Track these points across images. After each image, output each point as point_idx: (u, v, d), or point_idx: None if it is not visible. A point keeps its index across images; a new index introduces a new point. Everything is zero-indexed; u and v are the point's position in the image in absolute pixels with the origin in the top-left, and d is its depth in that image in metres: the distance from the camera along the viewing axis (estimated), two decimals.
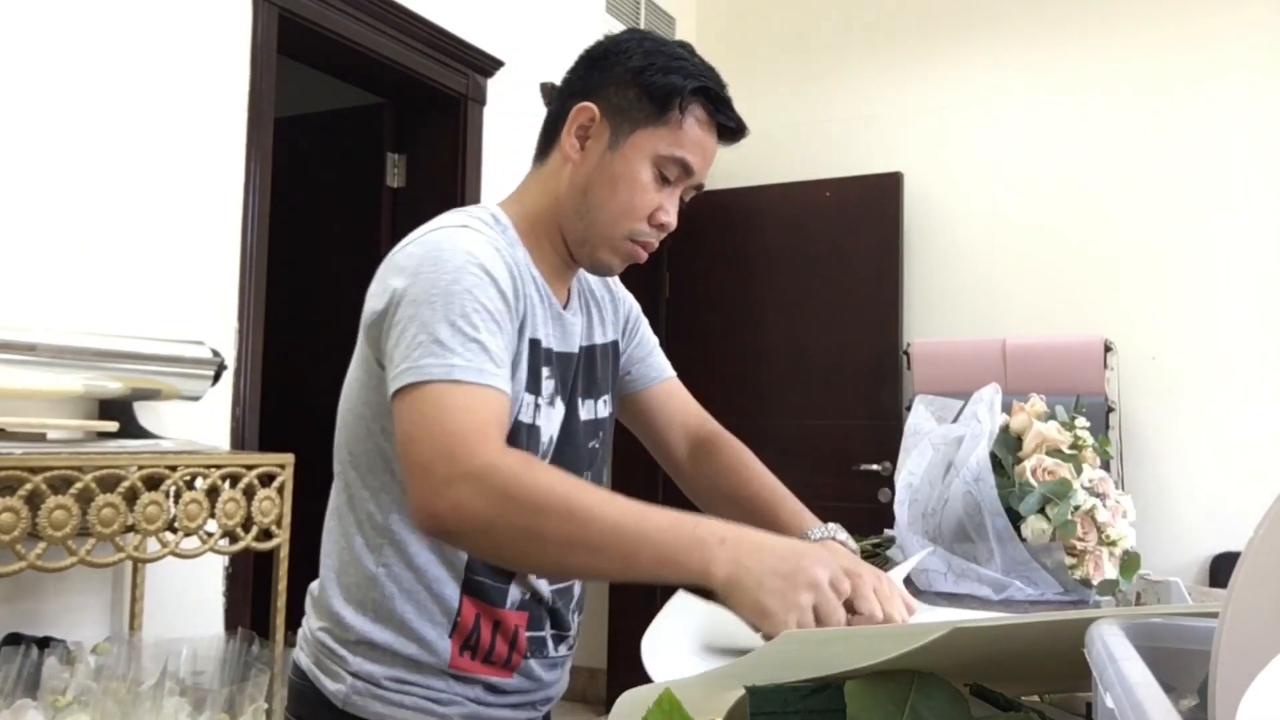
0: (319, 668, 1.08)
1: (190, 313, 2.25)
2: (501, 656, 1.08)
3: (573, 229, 1.11)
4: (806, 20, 4.21)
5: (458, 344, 0.93)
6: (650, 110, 1.06)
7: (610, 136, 1.08)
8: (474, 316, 0.95)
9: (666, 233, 1.12)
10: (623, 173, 1.07)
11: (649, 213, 1.09)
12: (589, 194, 1.09)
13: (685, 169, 1.09)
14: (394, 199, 3.29)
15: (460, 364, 0.92)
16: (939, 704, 0.59)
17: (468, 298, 0.96)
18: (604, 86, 1.09)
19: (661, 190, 1.09)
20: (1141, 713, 0.37)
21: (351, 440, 1.08)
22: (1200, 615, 0.50)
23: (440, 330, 0.94)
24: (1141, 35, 3.64)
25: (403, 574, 1.05)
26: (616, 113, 1.08)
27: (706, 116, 1.08)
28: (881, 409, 3.74)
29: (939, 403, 1.54)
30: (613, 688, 3.93)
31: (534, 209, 1.13)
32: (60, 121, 2.03)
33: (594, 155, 1.09)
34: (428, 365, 0.92)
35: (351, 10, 2.70)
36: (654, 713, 0.61)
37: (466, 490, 0.86)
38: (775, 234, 3.98)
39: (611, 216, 1.08)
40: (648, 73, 1.06)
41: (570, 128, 1.09)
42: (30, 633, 1.87)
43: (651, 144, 1.07)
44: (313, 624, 1.11)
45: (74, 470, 1.65)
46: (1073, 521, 1.30)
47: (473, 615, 1.06)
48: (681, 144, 1.07)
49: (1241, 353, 3.44)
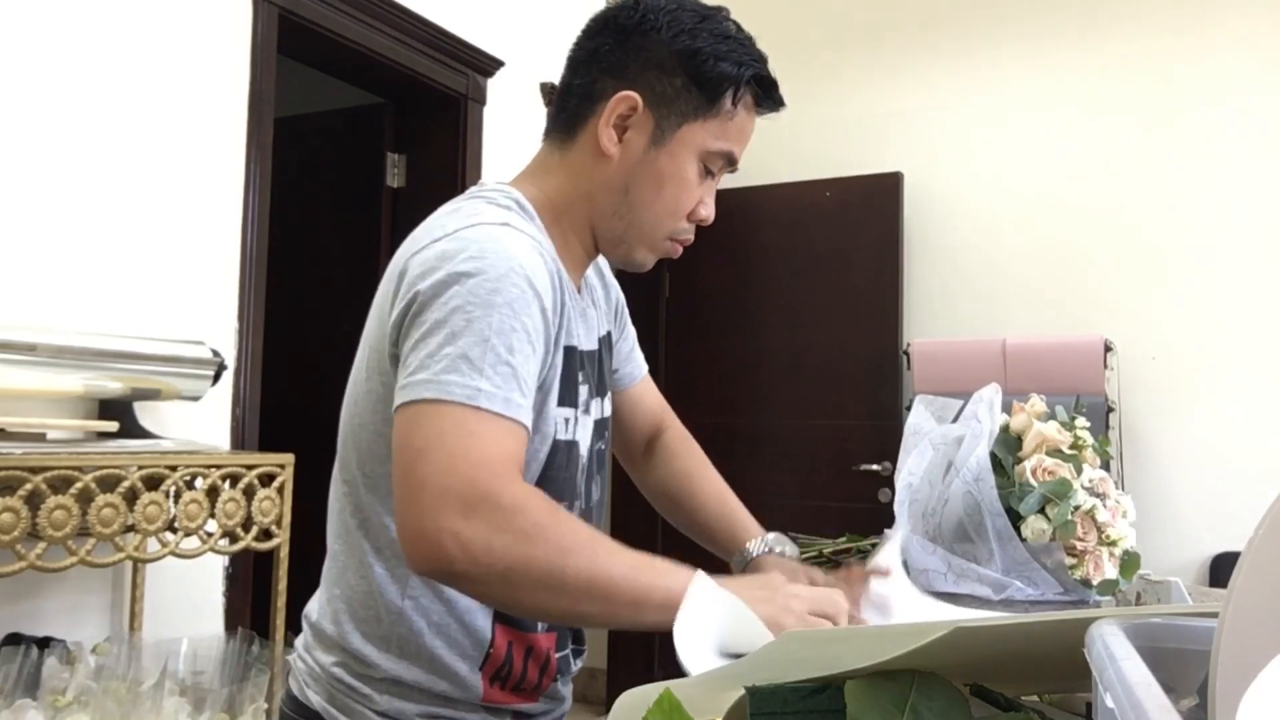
0: (336, 706, 0.96)
1: (190, 313, 2.25)
2: (532, 683, 1.01)
3: (608, 227, 1.01)
4: (807, 20, 4.21)
5: (488, 365, 0.83)
6: (700, 101, 0.96)
7: (655, 129, 0.97)
8: (510, 336, 0.84)
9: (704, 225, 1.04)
10: (670, 171, 0.98)
11: (691, 209, 1.01)
12: (630, 193, 0.99)
13: (730, 161, 1.01)
14: (394, 199, 3.29)
15: (487, 390, 0.82)
16: (939, 704, 0.59)
17: (507, 313, 0.85)
18: (644, 69, 0.97)
19: (703, 184, 1.01)
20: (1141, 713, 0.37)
21: (368, 460, 0.96)
22: (1200, 615, 0.50)
23: (471, 346, 0.83)
24: (1142, 35, 3.64)
25: (432, 606, 0.95)
26: (661, 103, 0.97)
27: (755, 104, 1.00)
28: (881, 409, 3.74)
29: (939, 403, 1.53)
30: (613, 688, 3.93)
31: (559, 199, 1.01)
32: (61, 121, 2.03)
33: (635, 150, 0.98)
34: (451, 383, 0.82)
35: (351, 10, 2.70)
36: (654, 713, 0.61)
37: (483, 530, 0.77)
38: (775, 234, 3.97)
39: (656, 217, 1.00)
40: (699, 59, 0.96)
41: (608, 118, 0.97)
42: (30, 633, 1.87)
43: (700, 138, 0.97)
44: (324, 659, 0.98)
45: (74, 470, 1.65)
46: (1073, 521, 1.30)
47: (505, 645, 0.98)
48: (730, 135, 0.99)
49: (1241, 353, 3.43)
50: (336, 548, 1.00)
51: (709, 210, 1.02)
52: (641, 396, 1.26)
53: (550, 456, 0.96)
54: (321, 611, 1.00)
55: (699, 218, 1.02)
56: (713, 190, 1.03)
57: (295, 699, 1.01)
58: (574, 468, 0.99)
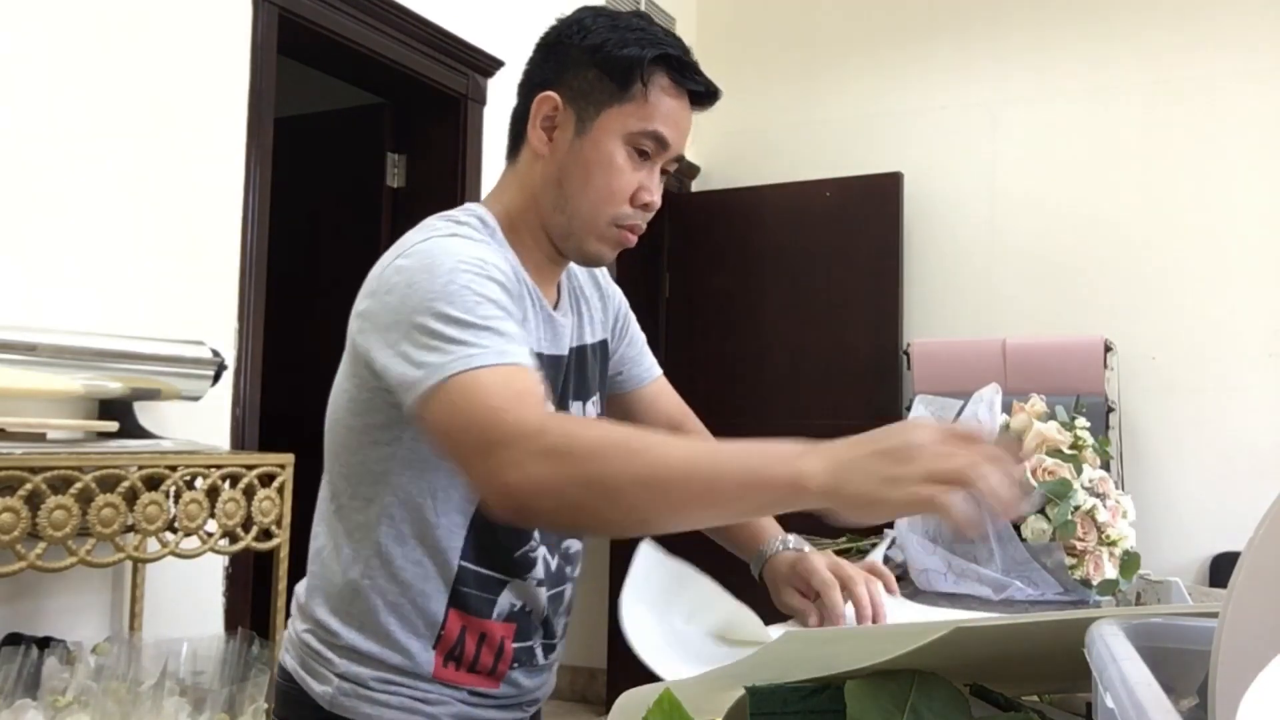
0: (305, 670, 1.07)
1: (190, 313, 2.25)
2: (487, 666, 1.06)
3: (555, 223, 1.06)
4: (807, 20, 4.21)
5: (469, 336, 0.89)
6: (612, 88, 1.02)
7: (576, 122, 1.03)
8: (478, 309, 0.91)
9: (652, 212, 1.07)
10: (595, 158, 1.03)
11: (630, 194, 1.04)
12: (564, 185, 1.04)
13: (660, 142, 1.04)
14: (394, 199, 3.29)
15: (476, 352, 0.88)
16: (939, 704, 0.59)
17: (467, 293, 0.91)
18: (562, 73, 1.04)
19: (639, 169, 1.04)
20: (1141, 713, 0.37)
21: (340, 451, 1.05)
22: (1200, 615, 0.50)
23: (446, 329, 0.89)
24: (1141, 35, 3.64)
25: (387, 587, 1.02)
26: (579, 97, 1.03)
27: (672, 84, 1.03)
28: (881, 409, 3.74)
29: (939, 403, 1.54)
30: (613, 688, 3.93)
31: (513, 209, 1.08)
32: (61, 121, 2.03)
33: (563, 145, 1.04)
34: (445, 364, 0.87)
35: (351, 10, 2.70)
36: (654, 713, 0.61)
37: (525, 459, 0.81)
38: (775, 234, 3.97)
39: (591, 204, 1.04)
40: (604, 49, 1.02)
41: (534, 121, 1.05)
42: (30, 633, 1.87)
43: (620, 122, 1.02)
44: (298, 626, 1.09)
45: (74, 470, 1.65)
46: (1073, 521, 1.30)
47: (458, 628, 1.04)
48: (651, 117, 1.02)
49: (1242, 353, 3.44)
50: (319, 530, 1.09)
51: (653, 195, 1.06)
52: (655, 398, 1.30)
53: None
54: (302, 586, 1.11)
55: (641, 202, 1.05)
56: (654, 175, 1.06)
57: (280, 665, 1.12)
58: None
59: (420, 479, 1.01)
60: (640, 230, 1.08)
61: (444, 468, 0.99)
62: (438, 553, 1.02)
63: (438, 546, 1.02)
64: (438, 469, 1.00)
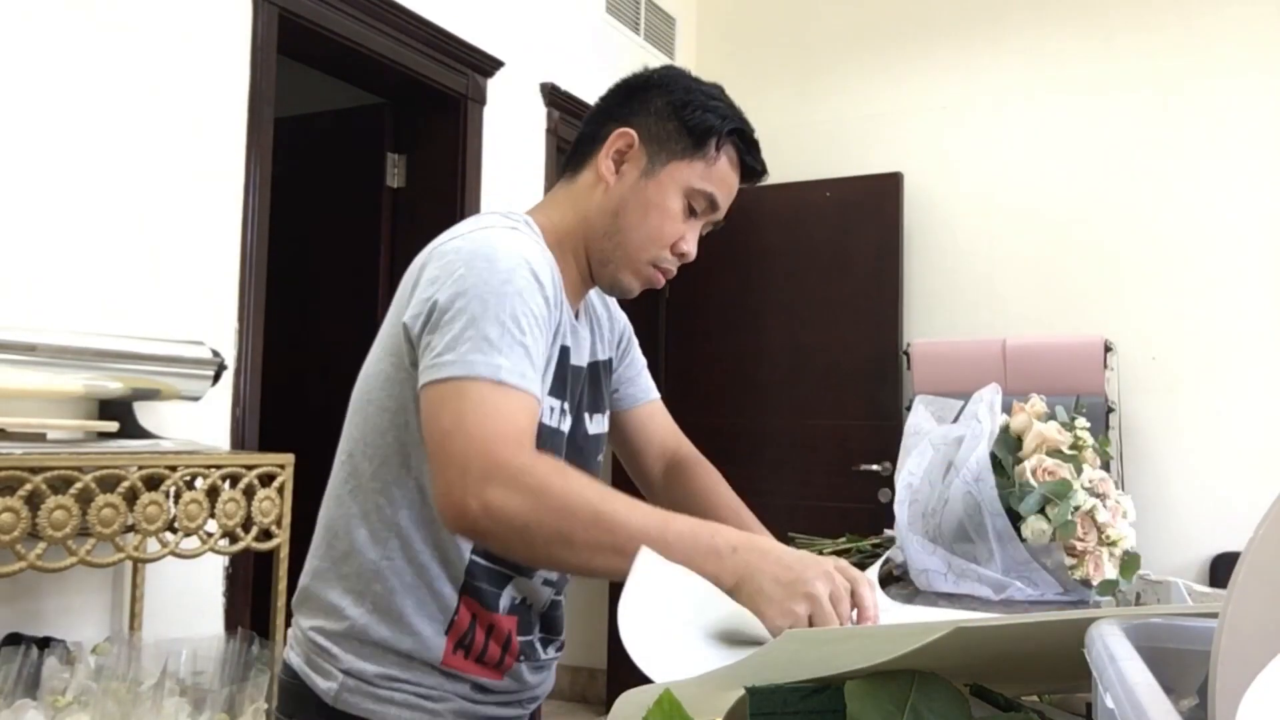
0: (310, 666, 1.08)
1: (190, 313, 2.25)
2: (494, 659, 1.09)
3: (599, 248, 1.14)
4: (806, 20, 4.21)
5: (505, 345, 0.94)
6: (688, 144, 1.11)
7: (646, 163, 1.12)
8: (522, 320, 0.97)
9: (685, 262, 1.16)
10: (656, 200, 1.11)
11: (674, 241, 1.13)
12: (620, 216, 1.12)
13: (712, 204, 1.13)
14: (394, 199, 3.29)
15: (506, 366, 0.94)
16: (939, 704, 0.59)
17: (518, 300, 0.97)
18: (643, 116, 1.13)
19: (687, 221, 1.14)
20: (1141, 713, 0.37)
21: (369, 432, 1.08)
22: (1200, 615, 0.50)
23: (490, 329, 0.94)
24: (1142, 35, 3.65)
25: (405, 569, 1.06)
26: (654, 141, 1.12)
27: (737, 157, 1.14)
28: (881, 409, 3.74)
29: (939, 403, 1.54)
30: (613, 688, 3.93)
31: (562, 223, 1.15)
32: (61, 121, 2.03)
33: (629, 180, 1.12)
34: (475, 362, 0.93)
35: (351, 10, 2.70)
36: (654, 713, 0.61)
37: (502, 492, 0.87)
38: (775, 234, 3.97)
39: (640, 240, 1.12)
40: (689, 108, 1.11)
41: (608, 150, 1.13)
42: (30, 633, 1.87)
43: (685, 176, 1.11)
44: (304, 623, 1.11)
45: (74, 470, 1.65)
46: (1073, 522, 1.30)
47: (469, 617, 1.07)
48: (712, 179, 1.12)
49: (1241, 353, 3.44)
50: (332, 512, 1.11)
51: (690, 246, 1.15)
52: (650, 418, 1.35)
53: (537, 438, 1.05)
54: (308, 573, 1.12)
55: (680, 251, 1.14)
56: (696, 230, 1.15)
57: (285, 662, 1.14)
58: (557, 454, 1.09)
59: None
60: (671, 275, 1.17)
61: None
62: (452, 542, 1.05)
63: (453, 537, 1.05)
64: None
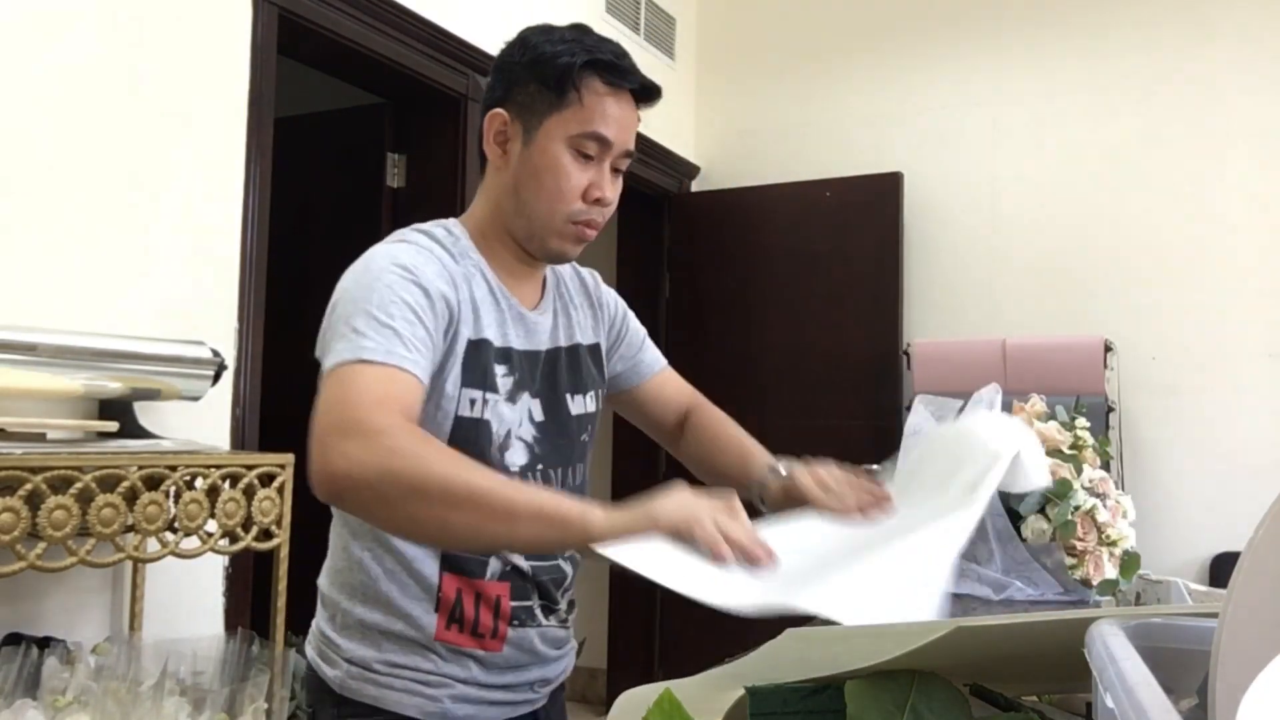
0: (320, 657, 1.15)
1: (190, 313, 2.25)
2: (488, 627, 1.12)
3: (518, 228, 1.16)
4: (806, 20, 4.21)
5: (370, 330, 0.99)
6: (551, 97, 1.11)
7: (523, 134, 1.13)
8: (390, 307, 1.01)
9: (606, 206, 1.14)
10: (542, 163, 1.12)
11: (580, 192, 1.12)
12: (520, 192, 1.14)
13: (601, 142, 1.12)
14: (394, 199, 3.29)
15: (370, 346, 0.98)
16: (939, 704, 0.59)
17: (386, 292, 1.02)
18: (508, 89, 1.15)
19: (587, 169, 1.12)
20: (1141, 713, 0.37)
21: None
22: (1200, 615, 0.50)
23: (357, 321, 1.00)
24: (1142, 35, 3.64)
25: (384, 556, 1.11)
26: (523, 110, 1.13)
27: (606, 86, 1.11)
28: (881, 409, 3.74)
29: (939, 403, 1.54)
30: (613, 688, 3.93)
31: (482, 217, 1.19)
32: (60, 121, 2.03)
33: (515, 155, 1.14)
34: (340, 350, 0.98)
35: (351, 10, 2.70)
36: (654, 713, 0.61)
37: (355, 448, 0.89)
38: (775, 234, 3.97)
39: (546, 206, 1.13)
40: (540, 62, 1.12)
41: (488, 137, 1.16)
42: (30, 633, 1.87)
43: (561, 128, 1.11)
44: (319, 618, 1.18)
45: (74, 470, 1.65)
46: (1073, 521, 1.30)
47: (454, 590, 1.11)
48: (590, 120, 1.11)
49: (1242, 353, 3.43)
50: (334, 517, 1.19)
51: (605, 191, 1.13)
52: (663, 387, 1.39)
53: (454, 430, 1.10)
54: (321, 575, 1.20)
55: (593, 198, 1.13)
56: (604, 173, 1.14)
57: (305, 657, 1.20)
58: (483, 443, 1.11)
59: None
60: (598, 225, 1.16)
61: None
62: None
63: None
64: None
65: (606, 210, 1.15)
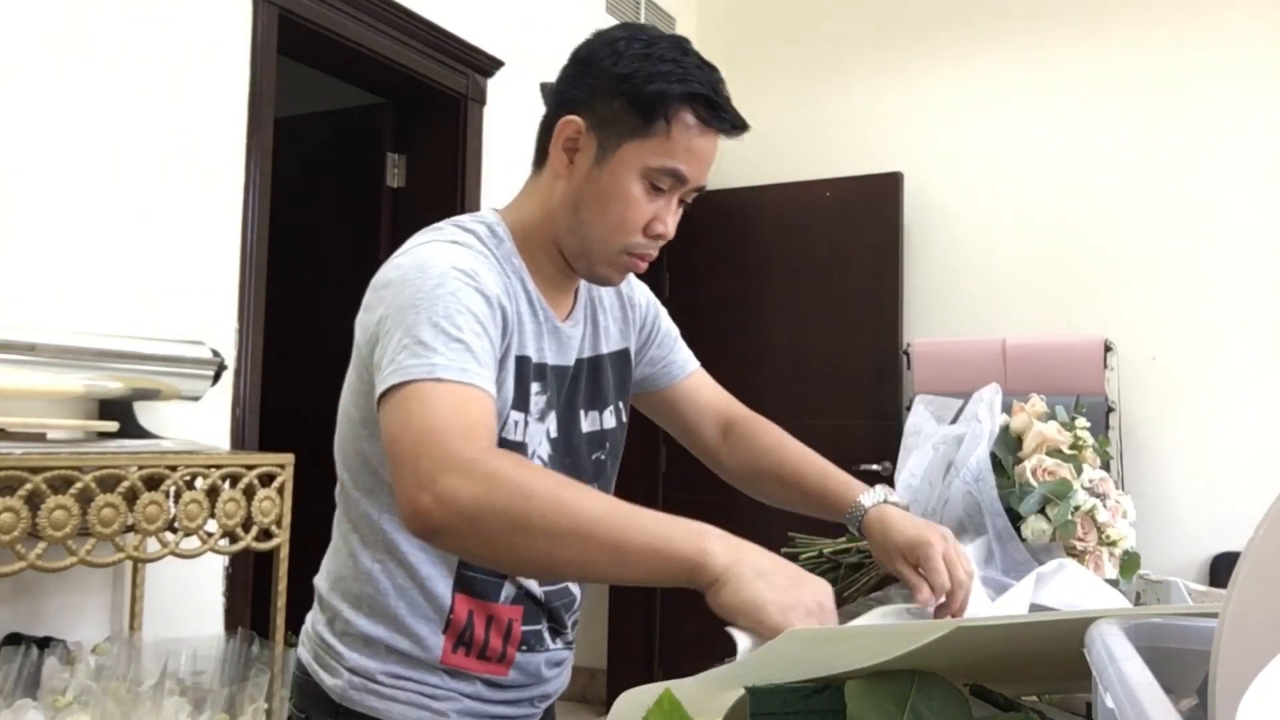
0: (318, 663, 1.09)
1: (190, 313, 2.25)
2: (496, 651, 1.08)
3: (568, 244, 1.08)
4: (806, 20, 4.21)
5: (440, 344, 0.91)
6: (636, 121, 1.02)
7: (597, 150, 1.04)
8: (457, 318, 0.94)
9: (665, 241, 1.08)
10: (612, 189, 1.04)
11: (643, 225, 1.05)
12: (580, 210, 1.06)
13: (678, 178, 1.04)
14: (394, 199, 3.29)
15: (443, 363, 0.90)
16: (939, 704, 0.59)
17: (452, 300, 0.95)
18: (590, 96, 1.04)
19: (655, 200, 1.05)
20: (1141, 713, 0.37)
21: (343, 443, 1.09)
22: (1200, 615, 0.50)
23: (423, 332, 0.92)
24: (1142, 35, 3.64)
25: (395, 571, 1.05)
26: (602, 124, 1.03)
27: (698, 122, 1.03)
28: (881, 409, 3.74)
29: (939, 403, 1.54)
30: (613, 688, 3.93)
31: (529, 221, 1.10)
32: (61, 121, 2.03)
33: (582, 169, 1.05)
34: (411, 366, 0.90)
35: (351, 10, 2.70)
36: (654, 713, 0.61)
37: (453, 482, 0.83)
38: (775, 234, 3.97)
39: (604, 233, 1.05)
40: (633, 79, 1.01)
41: (557, 141, 1.06)
42: (30, 633, 1.87)
43: (640, 157, 1.02)
44: (315, 619, 1.12)
45: (74, 470, 1.65)
46: (1073, 522, 1.30)
47: (466, 612, 1.06)
48: (672, 154, 1.03)
49: (1241, 353, 3.44)
50: (337, 519, 1.12)
51: (666, 226, 1.06)
52: (697, 389, 1.33)
53: None
54: (320, 573, 1.14)
55: (655, 233, 1.06)
56: (670, 206, 1.07)
57: (298, 658, 1.14)
58: None
59: None
60: (651, 258, 1.09)
61: None
62: None
63: None
64: None
65: (660, 244, 1.08)
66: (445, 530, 0.84)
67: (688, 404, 1.32)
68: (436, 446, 0.85)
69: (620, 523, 0.82)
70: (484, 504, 0.82)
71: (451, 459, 0.84)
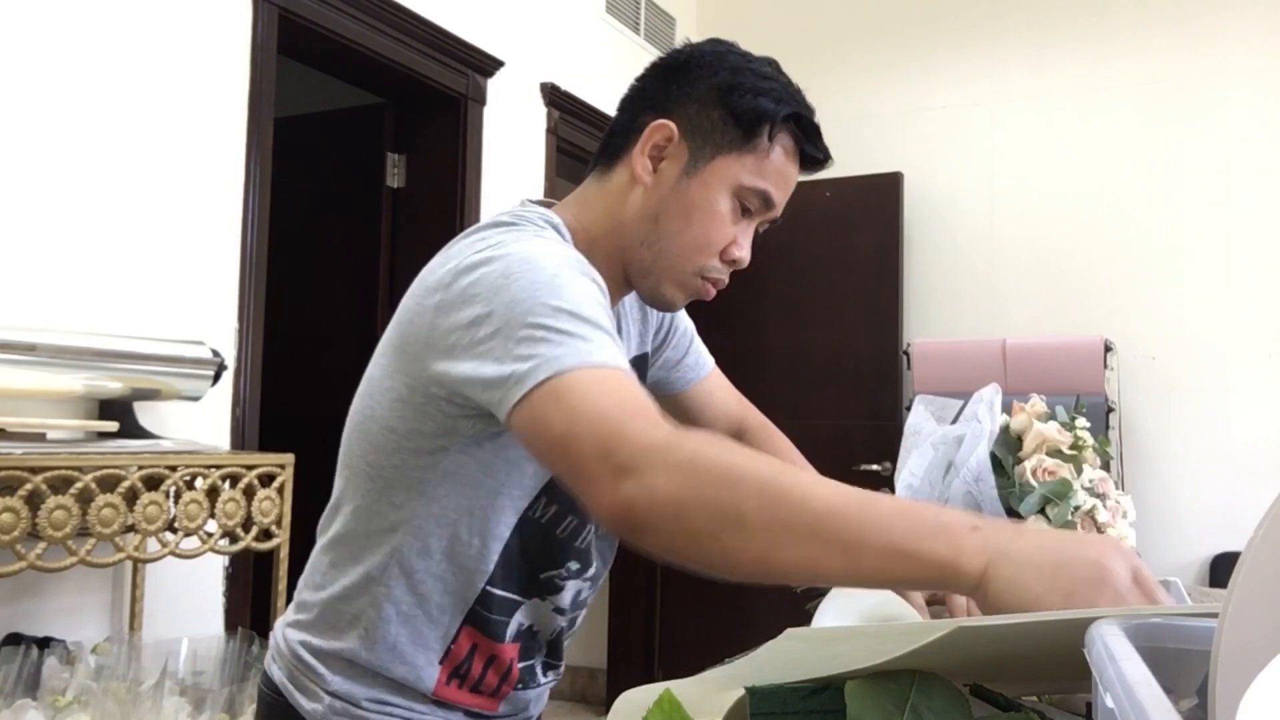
0: (293, 683, 0.99)
1: (190, 313, 2.25)
2: (491, 687, 1.01)
3: (637, 258, 1.00)
4: (806, 20, 4.21)
5: (581, 330, 0.81)
6: (736, 135, 0.97)
7: (689, 159, 0.98)
8: (586, 306, 0.83)
9: (738, 269, 1.02)
10: (700, 202, 0.98)
11: (723, 247, 1.00)
12: (660, 222, 0.99)
13: (766, 202, 1.00)
14: (394, 199, 3.29)
15: (591, 348, 0.80)
16: (939, 704, 0.59)
17: (576, 287, 0.85)
18: (684, 103, 0.98)
19: (738, 223, 1.00)
20: (1141, 713, 0.37)
21: (373, 453, 0.96)
22: (1200, 615, 0.50)
23: (559, 322, 0.81)
24: (1142, 36, 3.65)
25: (404, 598, 0.96)
26: (697, 134, 0.97)
27: (794, 146, 0.99)
28: (881, 409, 3.74)
29: (939, 403, 1.53)
30: (613, 688, 3.93)
31: (594, 227, 1.02)
32: (61, 121, 2.03)
33: (668, 179, 0.98)
34: (558, 356, 0.79)
35: (351, 10, 2.70)
36: (654, 713, 0.61)
37: (649, 470, 0.73)
38: (775, 234, 3.95)
39: (683, 249, 0.99)
40: (736, 92, 0.96)
41: (644, 146, 0.99)
42: (30, 633, 1.87)
43: (734, 172, 0.97)
44: (291, 635, 1.01)
45: (74, 470, 1.65)
46: (1073, 522, 1.30)
47: (468, 646, 0.99)
48: (766, 174, 0.98)
49: (1241, 353, 3.44)
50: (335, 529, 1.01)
51: (744, 251, 1.01)
52: (710, 395, 1.29)
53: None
54: (306, 583, 1.03)
55: (732, 257, 1.01)
56: (749, 231, 1.02)
57: (266, 673, 1.04)
58: None
59: (459, 494, 0.94)
60: (722, 285, 1.03)
61: (486, 485, 0.93)
62: (463, 572, 0.96)
63: (465, 566, 0.96)
64: (479, 486, 0.94)
65: (732, 270, 1.02)
66: (647, 527, 0.74)
67: (702, 407, 1.28)
68: (620, 438, 0.75)
69: (853, 516, 0.69)
70: (686, 497, 0.72)
71: (643, 448, 0.74)
